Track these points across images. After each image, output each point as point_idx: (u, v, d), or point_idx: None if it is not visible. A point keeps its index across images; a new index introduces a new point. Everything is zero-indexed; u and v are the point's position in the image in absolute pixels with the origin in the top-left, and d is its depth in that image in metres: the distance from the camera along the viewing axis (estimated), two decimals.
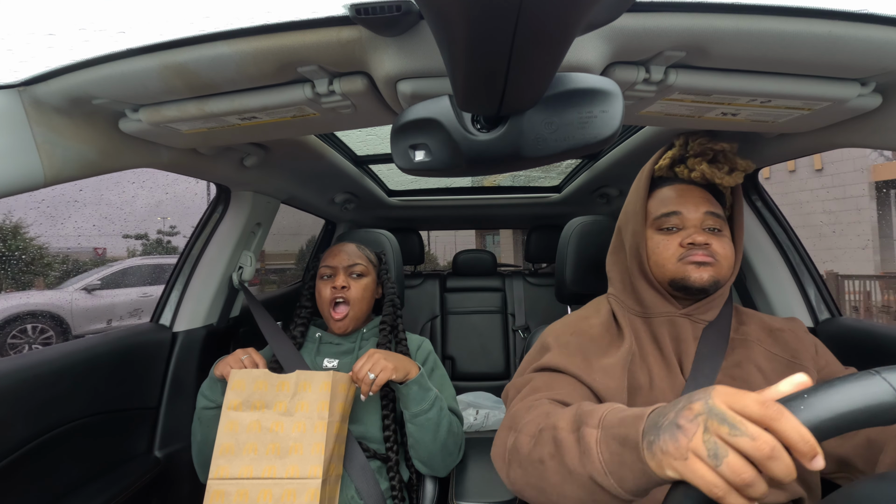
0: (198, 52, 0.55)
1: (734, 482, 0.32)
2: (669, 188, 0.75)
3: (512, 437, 0.57)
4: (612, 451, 0.42)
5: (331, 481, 0.76)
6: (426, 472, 0.91)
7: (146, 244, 12.22)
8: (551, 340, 0.73)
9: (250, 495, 0.71)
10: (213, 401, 0.85)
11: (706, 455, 0.34)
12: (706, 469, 0.34)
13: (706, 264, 0.68)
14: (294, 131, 0.77)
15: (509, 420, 0.61)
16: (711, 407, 0.35)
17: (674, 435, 0.36)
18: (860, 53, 0.53)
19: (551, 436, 0.49)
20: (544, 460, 0.49)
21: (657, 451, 0.37)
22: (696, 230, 0.70)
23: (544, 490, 0.49)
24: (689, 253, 0.69)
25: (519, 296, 2.08)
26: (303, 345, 1.01)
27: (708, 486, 0.33)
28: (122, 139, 0.74)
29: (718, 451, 0.33)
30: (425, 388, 0.87)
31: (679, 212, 0.72)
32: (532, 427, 0.54)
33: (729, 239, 0.72)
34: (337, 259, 0.99)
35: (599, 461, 0.42)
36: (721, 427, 0.34)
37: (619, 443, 0.41)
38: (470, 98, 0.41)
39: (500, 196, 1.98)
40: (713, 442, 0.34)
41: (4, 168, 0.59)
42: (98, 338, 0.96)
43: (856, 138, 0.71)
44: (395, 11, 0.45)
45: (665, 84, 0.58)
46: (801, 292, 0.99)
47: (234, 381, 0.79)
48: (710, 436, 0.34)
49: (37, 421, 0.77)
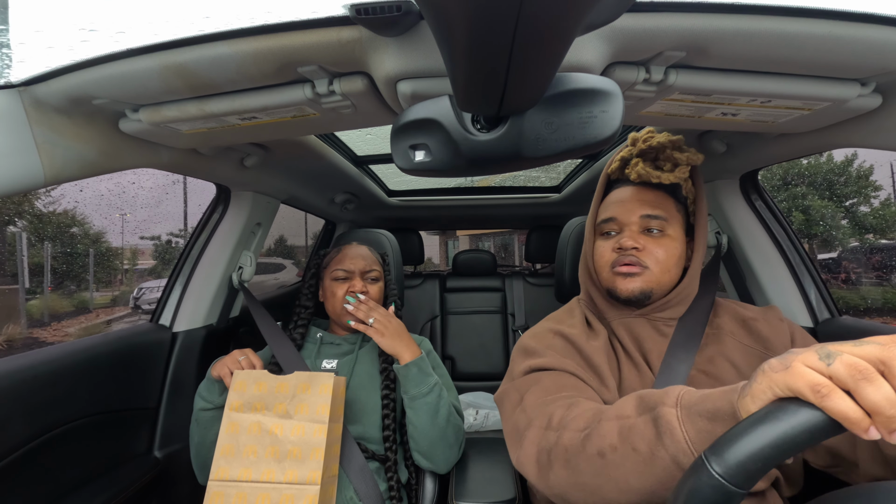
0: (198, 52, 0.55)
1: (849, 376, 0.30)
2: (618, 191, 0.76)
3: (552, 435, 0.53)
4: (700, 428, 0.39)
5: (326, 483, 0.75)
6: (426, 465, 0.90)
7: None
8: (535, 344, 0.72)
9: (249, 498, 0.71)
10: (210, 402, 0.85)
11: (816, 358, 0.31)
12: (812, 372, 0.31)
13: (633, 275, 0.69)
14: (294, 131, 0.77)
15: (543, 419, 0.56)
16: (829, 346, 0.33)
17: (783, 356, 0.34)
18: (860, 53, 0.53)
19: (616, 425, 0.46)
20: (605, 453, 0.45)
21: (757, 377, 0.35)
22: (629, 234, 0.70)
23: (600, 488, 0.45)
24: (619, 261, 0.70)
25: (519, 296, 2.08)
26: (303, 345, 1.00)
27: (810, 385, 0.31)
28: (123, 139, 0.74)
29: (832, 353, 0.31)
30: (425, 372, 0.87)
31: (615, 217, 0.73)
32: (580, 422, 0.51)
33: (674, 238, 0.71)
34: (354, 263, 0.99)
35: (685, 439, 0.40)
36: (843, 345, 0.32)
37: (709, 418, 0.39)
38: (470, 98, 0.41)
39: (500, 196, 1.99)
40: (827, 350, 0.32)
41: (4, 168, 0.59)
42: (98, 338, 0.96)
43: (856, 138, 0.71)
44: (395, 11, 0.45)
45: (665, 84, 0.58)
46: (801, 292, 0.99)
47: (237, 382, 0.79)
48: (826, 347, 0.32)
49: (37, 421, 0.77)
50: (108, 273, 11.55)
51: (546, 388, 0.63)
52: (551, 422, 0.55)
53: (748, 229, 1.04)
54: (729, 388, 0.39)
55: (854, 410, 0.29)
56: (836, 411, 0.30)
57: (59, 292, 9.87)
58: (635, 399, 0.47)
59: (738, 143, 0.91)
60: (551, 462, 0.51)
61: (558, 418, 0.54)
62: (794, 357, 0.33)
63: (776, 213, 1.04)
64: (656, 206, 0.71)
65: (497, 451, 1.02)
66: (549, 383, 0.63)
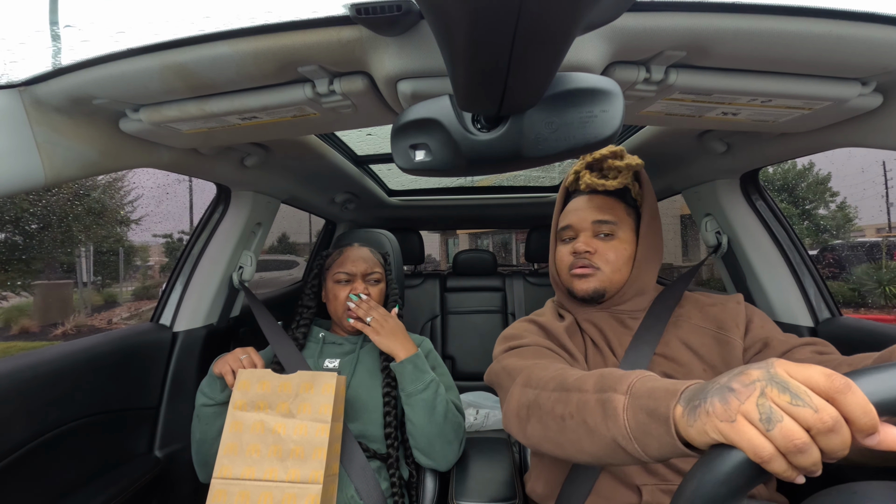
0: (198, 52, 0.55)
1: (785, 447, 0.31)
2: (573, 201, 0.84)
3: (530, 393, 0.59)
4: (639, 421, 0.42)
5: (329, 480, 0.76)
6: (427, 463, 0.91)
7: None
8: (513, 331, 0.82)
9: (251, 497, 0.71)
10: (211, 398, 0.85)
11: (758, 418, 0.32)
12: (755, 432, 0.32)
13: (587, 276, 0.78)
14: (294, 131, 0.77)
15: (523, 379, 0.63)
16: (773, 375, 0.34)
17: (724, 397, 0.35)
18: (861, 53, 0.53)
19: (576, 397, 0.51)
20: (565, 418, 0.51)
21: (701, 414, 0.36)
22: (583, 239, 0.79)
23: (562, 445, 0.52)
24: (575, 263, 0.79)
25: (519, 295, 2.08)
26: (305, 345, 1.01)
27: (754, 448, 0.32)
28: (123, 139, 0.74)
29: (772, 415, 0.32)
30: (421, 369, 0.88)
31: (570, 224, 0.81)
32: (553, 384, 0.57)
33: (623, 240, 0.78)
34: (355, 266, 1.00)
35: (625, 427, 0.44)
36: (781, 395, 0.32)
37: (647, 414, 0.42)
38: (470, 98, 0.41)
39: (501, 196, 1.99)
40: (767, 406, 0.33)
41: (5, 168, 0.59)
42: (99, 337, 0.96)
43: (856, 138, 0.71)
44: (395, 11, 0.45)
45: (665, 84, 0.58)
46: (801, 292, 0.99)
47: (241, 381, 0.79)
48: (766, 400, 0.33)
49: (37, 421, 0.77)
50: (133, 269, 12.61)
51: (523, 355, 0.72)
52: (529, 380, 0.62)
53: (748, 229, 1.04)
54: (671, 389, 0.42)
55: (787, 471, 0.32)
56: (773, 471, 0.33)
57: (97, 286, 10.97)
58: (597, 376, 0.52)
59: (739, 142, 0.91)
60: (529, 416, 0.58)
61: (535, 377, 0.61)
62: (737, 406, 0.34)
63: (776, 213, 1.04)
64: (605, 211, 0.79)
65: (497, 450, 1.02)
66: (526, 352, 0.72)
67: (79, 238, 10.01)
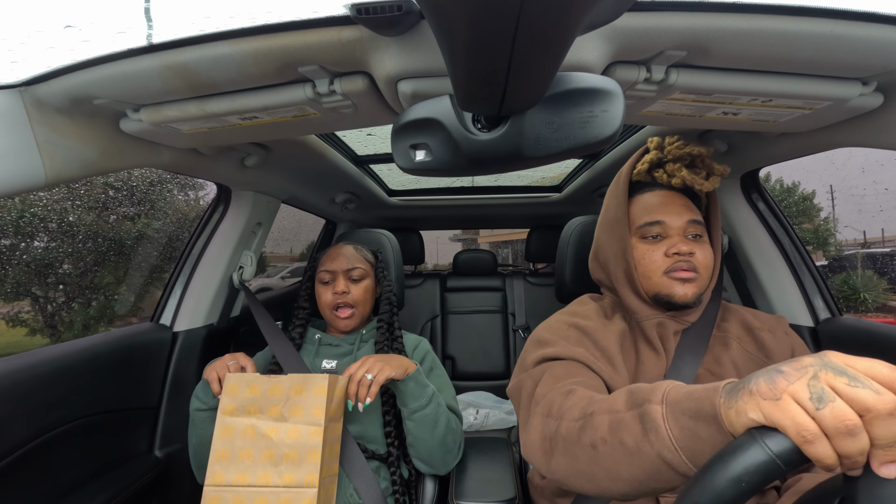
0: (199, 52, 0.55)
1: (835, 427, 0.30)
2: (651, 194, 0.76)
3: (552, 424, 0.54)
4: (683, 426, 0.40)
5: (326, 482, 0.75)
6: (426, 470, 0.91)
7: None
8: (548, 336, 0.73)
9: (245, 503, 0.70)
10: (205, 403, 0.85)
11: (807, 397, 0.31)
12: (800, 411, 0.31)
13: (690, 280, 0.70)
14: (295, 131, 0.77)
15: (545, 407, 0.58)
16: (827, 361, 0.32)
17: (772, 377, 0.33)
18: (861, 53, 0.53)
19: (606, 419, 0.47)
20: (596, 444, 0.47)
21: (743, 394, 0.34)
22: (680, 239, 0.71)
23: (594, 476, 0.47)
24: (675, 266, 0.70)
25: (519, 295, 2.08)
26: (302, 346, 1.00)
27: (797, 428, 0.30)
28: (123, 139, 0.74)
29: (824, 395, 0.30)
30: (422, 384, 0.87)
31: (662, 221, 0.72)
32: (576, 411, 0.52)
33: (709, 244, 0.73)
34: (336, 263, 0.99)
35: (668, 437, 0.40)
36: (838, 378, 0.31)
37: (691, 416, 0.39)
38: (471, 98, 0.41)
39: (501, 196, 1.99)
40: (819, 387, 0.31)
41: (6, 168, 0.59)
42: (99, 337, 0.96)
43: (857, 138, 0.70)
44: (395, 11, 0.45)
45: (666, 83, 0.58)
46: (801, 292, 0.99)
47: (229, 386, 0.77)
48: (818, 382, 0.31)
49: (37, 420, 0.77)
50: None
51: (556, 376, 0.64)
52: (551, 410, 0.56)
53: (749, 229, 1.04)
54: (711, 386, 0.39)
55: (830, 457, 0.30)
56: (814, 456, 0.30)
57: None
58: (626, 394, 0.48)
59: (739, 142, 0.91)
60: (553, 449, 0.53)
61: (557, 406, 0.56)
62: (785, 386, 0.32)
63: (777, 213, 1.04)
64: (695, 211, 0.73)
65: (497, 450, 1.02)
66: (559, 371, 0.64)
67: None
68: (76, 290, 6.38)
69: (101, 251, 6.40)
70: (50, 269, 6.07)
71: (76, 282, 6.36)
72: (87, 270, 6.39)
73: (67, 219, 6.08)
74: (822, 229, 12.83)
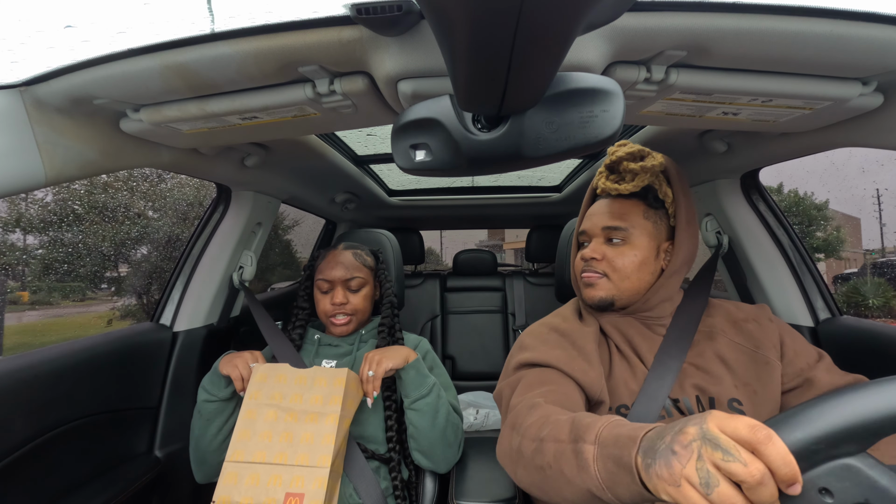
0: (199, 52, 0.55)
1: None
2: (595, 204, 0.82)
3: (516, 439, 0.59)
4: (609, 470, 0.43)
5: (334, 475, 0.77)
6: (426, 465, 0.91)
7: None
8: (530, 340, 0.77)
9: (261, 479, 0.75)
10: (214, 395, 0.86)
11: (698, 482, 0.35)
12: (698, 496, 0.35)
13: (593, 284, 0.76)
14: (295, 131, 0.77)
15: (512, 419, 0.63)
16: (705, 432, 0.36)
17: (668, 461, 0.37)
18: (861, 53, 0.53)
19: (552, 447, 0.51)
20: (544, 468, 0.52)
21: (653, 476, 0.38)
22: (592, 246, 0.78)
23: (547, 492, 0.52)
24: (584, 270, 0.78)
25: (519, 295, 2.08)
26: (301, 346, 1.01)
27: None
28: (123, 139, 0.74)
29: (710, 479, 0.35)
30: (423, 373, 0.88)
31: (584, 230, 0.80)
32: (533, 431, 0.56)
33: (635, 246, 0.75)
34: (334, 272, 0.97)
35: (597, 477, 0.44)
36: (714, 453, 0.35)
37: (615, 462, 0.43)
38: (471, 98, 0.41)
39: (501, 196, 1.98)
40: (705, 470, 0.35)
41: (6, 168, 0.59)
42: (99, 337, 0.96)
43: (857, 138, 0.70)
44: (395, 11, 0.45)
45: (666, 83, 0.58)
46: (801, 292, 0.99)
47: (258, 374, 0.83)
48: (704, 463, 0.35)
49: (37, 420, 0.77)
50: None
51: (529, 384, 0.68)
52: (516, 424, 0.61)
53: (749, 229, 1.04)
54: (633, 435, 0.43)
55: None
56: None
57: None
58: (569, 424, 0.52)
59: (739, 142, 0.91)
60: (517, 461, 0.58)
61: (521, 421, 0.60)
62: (679, 470, 0.36)
63: (777, 213, 1.04)
64: (619, 217, 0.76)
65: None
66: (532, 379, 0.69)
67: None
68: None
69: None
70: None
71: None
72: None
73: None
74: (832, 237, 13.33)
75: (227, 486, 0.74)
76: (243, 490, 0.73)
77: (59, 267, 7.50)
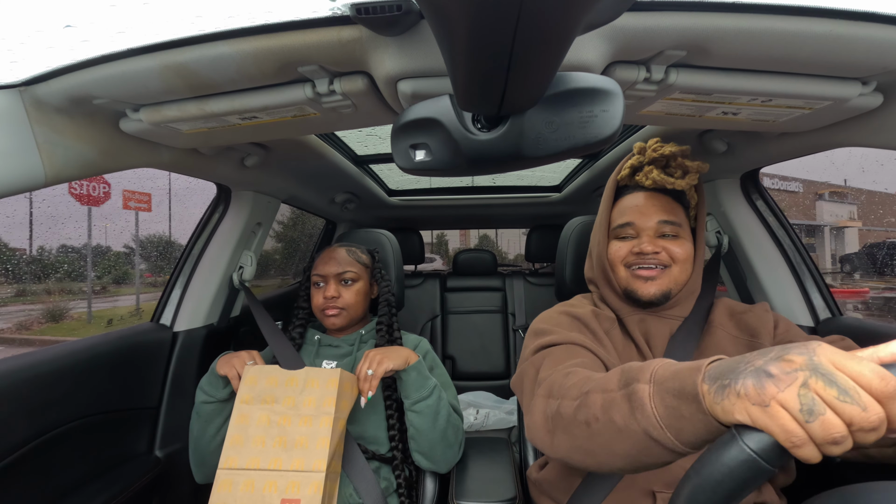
0: (198, 52, 0.55)
1: (823, 439, 0.31)
2: (630, 196, 0.80)
3: (553, 403, 0.57)
4: (668, 405, 0.41)
5: (331, 477, 0.77)
6: (427, 466, 0.91)
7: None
8: (545, 325, 0.76)
9: (256, 486, 0.74)
10: (212, 396, 0.86)
11: (797, 409, 0.32)
12: (789, 419, 0.32)
13: (652, 279, 0.74)
14: (294, 131, 0.77)
15: (547, 388, 0.60)
16: (817, 364, 0.32)
17: (760, 381, 0.34)
18: (861, 52, 0.53)
19: (600, 398, 0.49)
20: (591, 422, 0.49)
21: (730, 394, 0.35)
22: (648, 239, 0.76)
23: (592, 451, 0.49)
24: (637, 263, 0.75)
25: (519, 295, 2.08)
26: (301, 346, 1.01)
27: (787, 435, 0.32)
28: (123, 139, 0.74)
29: (815, 407, 0.31)
30: (424, 375, 0.88)
31: (632, 222, 0.77)
32: (575, 391, 0.54)
33: (688, 239, 0.77)
34: (327, 267, 0.99)
35: (654, 415, 0.41)
36: (829, 389, 0.31)
37: (675, 395, 0.40)
38: (470, 97, 0.41)
39: (501, 196, 1.99)
40: (810, 397, 0.31)
41: (5, 168, 0.59)
42: (99, 337, 0.96)
43: (857, 138, 0.70)
44: (395, 11, 0.45)
45: (666, 83, 0.58)
46: (801, 292, 0.99)
47: (248, 377, 0.82)
48: (809, 391, 0.32)
49: (37, 420, 0.77)
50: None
51: (557, 359, 0.66)
52: (552, 391, 0.58)
53: (749, 229, 1.04)
54: (694, 366, 0.40)
55: (816, 458, 0.32)
56: (801, 457, 0.32)
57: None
58: (619, 372, 0.50)
59: (739, 142, 0.91)
60: (554, 428, 0.55)
61: (558, 387, 0.58)
62: (774, 392, 0.33)
63: (777, 213, 1.04)
64: (670, 212, 0.76)
65: (497, 450, 1.02)
66: (559, 354, 0.67)
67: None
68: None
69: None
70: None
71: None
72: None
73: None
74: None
75: (222, 495, 0.73)
76: (238, 498, 0.72)
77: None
